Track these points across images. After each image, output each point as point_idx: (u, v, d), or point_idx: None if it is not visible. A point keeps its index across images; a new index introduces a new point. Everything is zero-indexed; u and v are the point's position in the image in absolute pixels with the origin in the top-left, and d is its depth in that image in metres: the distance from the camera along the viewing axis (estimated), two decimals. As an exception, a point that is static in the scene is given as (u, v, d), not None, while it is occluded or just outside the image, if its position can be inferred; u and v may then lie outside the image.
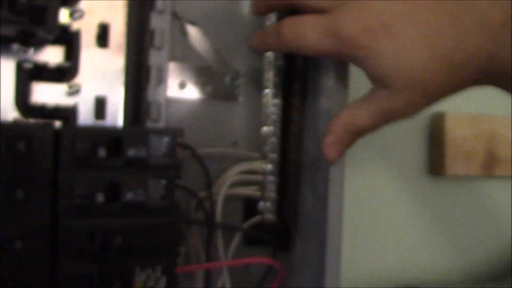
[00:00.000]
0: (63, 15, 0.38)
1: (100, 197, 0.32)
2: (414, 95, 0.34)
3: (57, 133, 0.33)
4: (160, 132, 0.35)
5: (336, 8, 0.34)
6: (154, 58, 0.41)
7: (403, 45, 0.32)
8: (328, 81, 0.42)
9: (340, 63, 0.41)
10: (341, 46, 0.34)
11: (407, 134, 0.58)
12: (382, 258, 0.58)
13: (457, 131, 0.57)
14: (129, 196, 0.34)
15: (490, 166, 0.59)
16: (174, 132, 0.36)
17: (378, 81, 0.34)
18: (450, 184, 0.60)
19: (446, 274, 0.61)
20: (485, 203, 0.63)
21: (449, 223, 0.61)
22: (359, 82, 0.38)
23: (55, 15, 0.33)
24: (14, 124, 0.35)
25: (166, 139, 0.35)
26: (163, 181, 0.35)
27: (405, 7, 0.32)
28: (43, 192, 0.32)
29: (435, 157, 0.58)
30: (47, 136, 0.32)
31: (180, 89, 0.45)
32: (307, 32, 0.35)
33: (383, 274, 0.58)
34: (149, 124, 0.41)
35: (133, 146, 0.34)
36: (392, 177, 0.58)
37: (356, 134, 0.36)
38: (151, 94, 0.41)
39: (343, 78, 0.41)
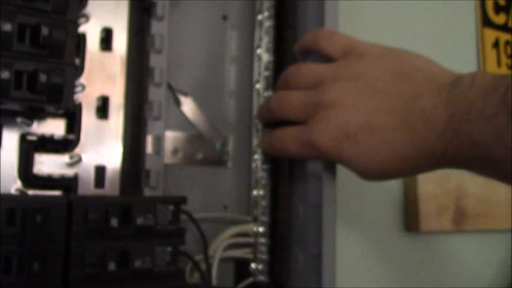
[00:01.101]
0: (67, 90, 0.41)
1: (111, 266, 0.33)
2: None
3: (69, 204, 0.34)
4: (166, 201, 0.37)
5: (310, 119, 0.39)
6: (153, 127, 0.43)
7: (366, 152, 0.37)
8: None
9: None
10: (317, 154, 0.39)
11: (382, 194, 0.61)
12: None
13: (428, 189, 0.61)
14: (137, 264, 0.35)
15: (459, 221, 0.63)
16: (178, 201, 0.37)
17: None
18: (425, 240, 0.63)
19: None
20: (457, 257, 0.66)
21: (424, 277, 0.64)
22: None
23: (71, 92, 0.34)
24: (31, 197, 0.36)
25: (171, 207, 0.37)
26: (169, 248, 0.36)
27: (363, 117, 0.37)
28: (56, 263, 0.33)
29: (410, 214, 0.61)
30: (61, 207, 0.33)
31: (173, 156, 0.47)
32: (289, 146, 0.41)
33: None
34: (148, 192, 0.43)
35: (141, 215, 0.35)
36: (369, 235, 0.61)
37: None
38: (150, 162, 0.43)
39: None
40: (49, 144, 0.40)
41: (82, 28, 0.42)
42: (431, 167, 0.37)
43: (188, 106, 0.48)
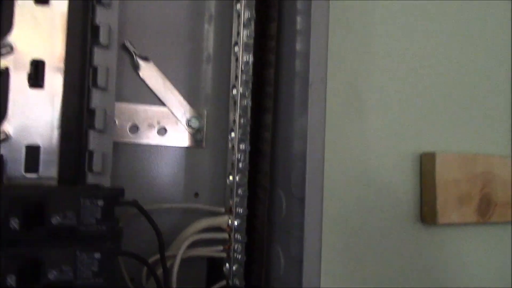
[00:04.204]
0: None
1: (10, 280, 0.26)
2: None
3: (-40, 200, 0.26)
4: (93, 195, 0.28)
5: None
6: (98, 99, 0.35)
7: None
8: (303, 122, 0.36)
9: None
10: None
11: (394, 179, 0.52)
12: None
13: (448, 174, 0.52)
14: (52, 275, 0.27)
15: (485, 212, 0.54)
16: (111, 194, 0.29)
17: None
18: (443, 232, 0.54)
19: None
20: (480, 251, 0.57)
21: (441, 278, 0.55)
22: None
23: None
24: None
25: (101, 203, 0.29)
26: (97, 255, 0.28)
27: None
28: None
29: (426, 204, 0.52)
30: None
31: (131, 133, 0.39)
32: None
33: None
34: (91, 178, 0.35)
35: (58, 213, 0.27)
36: (377, 227, 0.52)
37: None
38: (94, 142, 0.35)
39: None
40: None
41: (6, -25, 0.34)
42: None
43: (148, 72, 0.39)
